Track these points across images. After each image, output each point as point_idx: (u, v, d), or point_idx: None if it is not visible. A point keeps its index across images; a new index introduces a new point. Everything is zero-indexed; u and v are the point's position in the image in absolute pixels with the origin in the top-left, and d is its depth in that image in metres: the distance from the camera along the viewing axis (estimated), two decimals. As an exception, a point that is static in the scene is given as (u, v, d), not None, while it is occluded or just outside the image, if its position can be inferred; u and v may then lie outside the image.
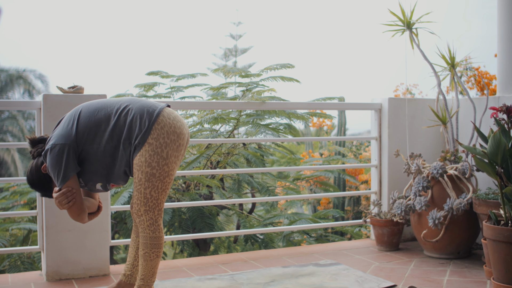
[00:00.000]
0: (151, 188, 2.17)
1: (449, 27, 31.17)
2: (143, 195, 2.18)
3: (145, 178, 2.15)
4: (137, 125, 2.15)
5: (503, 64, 3.43)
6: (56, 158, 2.14)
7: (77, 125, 2.19)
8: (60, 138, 2.16)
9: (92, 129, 2.17)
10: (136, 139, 2.15)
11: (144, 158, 2.14)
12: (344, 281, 2.67)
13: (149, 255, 2.21)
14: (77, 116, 2.21)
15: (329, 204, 5.94)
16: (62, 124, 2.23)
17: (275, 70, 4.34)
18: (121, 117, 2.17)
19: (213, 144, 4.34)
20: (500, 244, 2.36)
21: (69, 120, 2.22)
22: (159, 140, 2.14)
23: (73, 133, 2.17)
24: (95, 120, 2.18)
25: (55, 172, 2.15)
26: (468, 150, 2.61)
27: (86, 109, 2.23)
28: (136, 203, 2.21)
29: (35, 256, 4.06)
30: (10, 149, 16.56)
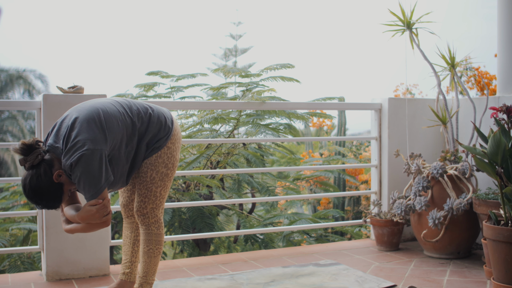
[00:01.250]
0: (162, 187, 2.26)
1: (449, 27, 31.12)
2: (153, 193, 2.24)
3: (159, 178, 2.24)
4: (160, 129, 2.24)
5: (503, 64, 3.43)
6: (94, 164, 1.98)
7: (107, 129, 2.06)
8: (94, 143, 2.00)
9: (118, 134, 2.10)
10: (157, 142, 2.23)
11: (162, 160, 2.24)
12: (344, 281, 2.67)
13: (153, 252, 2.26)
14: (101, 120, 2.07)
15: (329, 204, 5.94)
16: (85, 126, 2.03)
17: (275, 70, 4.33)
18: (145, 121, 2.21)
19: (213, 144, 4.34)
20: (500, 244, 2.36)
21: (94, 122, 2.05)
22: (175, 144, 2.29)
23: (105, 137, 2.04)
24: (121, 125, 2.12)
25: (93, 180, 1.98)
26: (468, 150, 2.61)
27: (105, 112, 2.10)
28: (142, 200, 2.23)
29: (35, 256, 4.06)
30: (10, 149, 16.51)
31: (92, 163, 1.98)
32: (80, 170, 1.97)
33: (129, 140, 2.16)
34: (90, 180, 1.99)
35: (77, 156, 1.97)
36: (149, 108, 2.26)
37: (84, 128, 2.02)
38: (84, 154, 1.97)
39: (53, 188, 2.02)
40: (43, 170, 2.00)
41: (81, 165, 1.97)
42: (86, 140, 2.00)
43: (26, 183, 2.01)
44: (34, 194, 2.01)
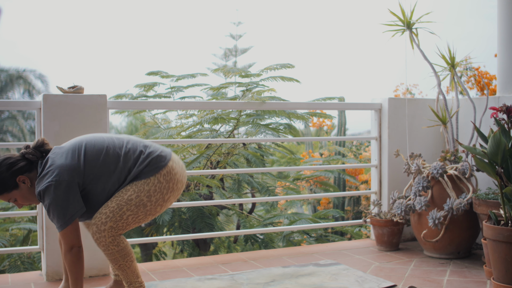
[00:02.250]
0: (133, 214, 2.11)
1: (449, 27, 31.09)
2: (121, 213, 2.09)
3: (135, 203, 2.10)
4: (149, 159, 2.12)
5: (503, 64, 3.43)
6: (62, 196, 1.99)
7: (84, 160, 2.07)
8: (66, 173, 2.01)
9: (99, 170, 2.08)
10: (142, 172, 2.11)
11: (148, 188, 2.11)
12: (344, 281, 2.67)
13: (124, 265, 2.14)
14: (83, 151, 2.09)
15: (329, 204, 5.94)
16: (64, 155, 2.07)
17: (275, 70, 4.34)
18: (130, 156, 2.12)
19: (213, 144, 4.34)
20: (500, 244, 2.36)
21: (72, 152, 2.08)
22: (169, 183, 2.15)
23: (80, 167, 2.05)
24: (103, 160, 2.09)
25: (61, 211, 1.99)
26: (468, 150, 2.61)
27: (91, 145, 2.12)
28: (105, 214, 2.08)
29: (35, 256, 4.06)
30: (10, 149, 16.55)
31: (59, 193, 2.00)
32: (49, 200, 2.01)
33: (117, 179, 2.11)
34: (59, 210, 2.01)
35: (45, 185, 2.01)
36: (140, 143, 2.20)
37: (61, 157, 2.07)
38: (51, 184, 2.00)
39: (8, 181, 2.07)
40: (21, 165, 2.09)
41: (49, 195, 2.00)
42: (57, 169, 2.02)
43: (2, 158, 2.09)
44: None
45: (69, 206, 2.01)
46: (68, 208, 2.01)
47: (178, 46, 52.40)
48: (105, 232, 2.07)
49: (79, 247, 2.08)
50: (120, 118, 28.03)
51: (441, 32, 3.46)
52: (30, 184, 2.12)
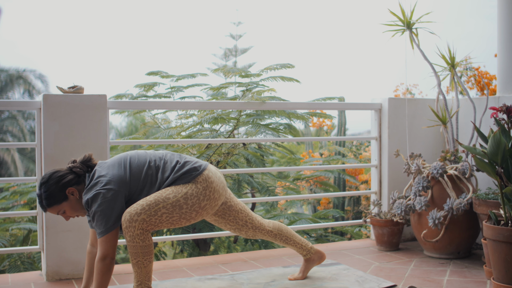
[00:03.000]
0: (168, 213, 2.16)
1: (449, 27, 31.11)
2: (156, 208, 2.14)
3: (172, 202, 2.16)
4: (185, 168, 2.22)
5: (503, 64, 3.43)
6: (108, 204, 2.08)
7: (130, 172, 2.17)
8: (113, 183, 2.12)
9: (143, 181, 2.18)
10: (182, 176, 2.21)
11: (186, 190, 2.19)
12: (344, 281, 2.67)
13: (142, 263, 2.16)
14: (128, 163, 2.20)
15: (329, 204, 5.94)
16: (111, 167, 2.18)
17: (275, 70, 4.33)
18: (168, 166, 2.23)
19: (213, 144, 4.34)
20: (500, 244, 2.36)
21: (119, 164, 2.19)
22: (206, 190, 2.22)
23: (127, 179, 2.15)
24: (146, 172, 2.20)
25: (104, 218, 2.08)
26: (468, 150, 2.61)
27: (134, 158, 2.23)
28: (141, 205, 2.12)
29: (35, 256, 4.06)
30: (10, 149, 16.56)
31: (106, 202, 2.09)
32: (95, 207, 2.09)
33: (150, 189, 2.20)
34: (102, 217, 2.09)
35: (94, 193, 2.10)
36: (179, 159, 2.28)
37: (109, 169, 2.18)
38: (100, 192, 2.09)
39: (57, 193, 2.17)
40: (70, 178, 2.19)
41: (96, 202, 2.09)
42: (107, 180, 2.12)
43: (52, 171, 2.21)
44: (45, 181, 2.17)
45: (113, 214, 2.10)
46: (112, 216, 2.10)
47: (178, 46, 52.40)
48: (137, 223, 2.11)
49: (112, 258, 2.13)
50: (120, 118, 28.04)
51: (441, 32, 3.46)
52: (78, 196, 2.21)
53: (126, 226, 2.11)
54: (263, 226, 2.54)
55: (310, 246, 2.68)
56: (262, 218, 2.57)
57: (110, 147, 3.70)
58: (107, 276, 2.13)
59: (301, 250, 2.67)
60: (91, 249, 2.37)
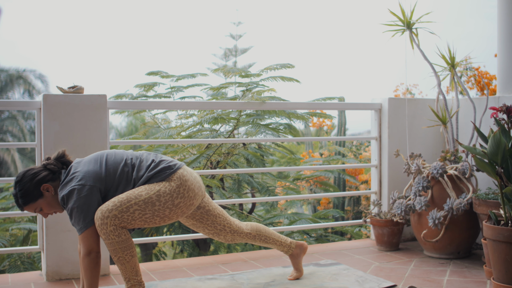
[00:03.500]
0: (140, 210, 2.14)
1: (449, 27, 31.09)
2: (128, 206, 2.11)
3: (144, 199, 2.14)
4: (160, 167, 2.22)
5: (503, 64, 3.43)
6: (83, 200, 2.07)
7: (105, 168, 2.17)
8: (89, 178, 2.11)
9: (119, 178, 2.18)
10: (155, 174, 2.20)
11: (159, 188, 2.17)
12: (344, 281, 2.67)
13: (124, 258, 2.14)
14: (104, 159, 2.20)
15: (329, 204, 5.94)
16: (87, 163, 2.17)
17: (275, 70, 4.33)
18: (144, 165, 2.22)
19: (213, 144, 4.34)
20: (500, 244, 2.36)
21: (95, 160, 2.19)
22: (180, 188, 2.20)
23: (102, 174, 2.15)
24: (121, 169, 2.19)
25: (81, 214, 2.07)
26: (468, 150, 2.61)
27: (111, 155, 2.23)
28: (113, 201, 2.11)
29: (35, 256, 4.06)
30: (10, 149, 16.56)
31: (82, 197, 2.08)
32: (71, 204, 2.08)
33: (126, 186, 2.20)
34: (79, 213, 2.08)
35: (69, 190, 2.09)
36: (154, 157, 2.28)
37: (85, 165, 2.17)
38: (75, 189, 2.08)
39: (33, 191, 2.16)
40: (44, 175, 2.17)
41: (72, 199, 2.08)
42: (81, 175, 2.11)
43: (26, 170, 2.20)
44: (19, 180, 2.17)
45: (90, 210, 2.09)
46: (89, 212, 2.08)
47: (178, 46, 52.39)
48: (108, 219, 2.09)
49: (97, 252, 2.12)
50: (120, 118, 28.05)
51: (441, 32, 3.46)
52: (54, 192, 2.20)
53: (98, 224, 2.09)
54: (241, 229, 2.52)
55: (289, 241, 2.67)
56: (240, 222, 2.56)
57: (110, 147, 3.70)
58: (95, 271, 2.12)
59: (282, 247, 2.65)
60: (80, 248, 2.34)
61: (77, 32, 45.23)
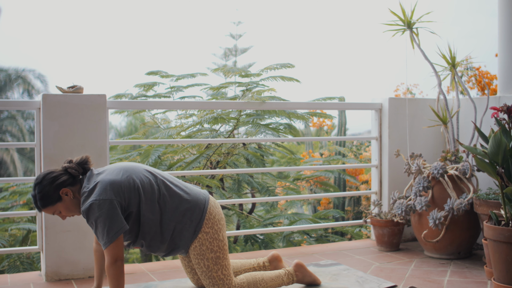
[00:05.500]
0: (221, 269, 2.29)
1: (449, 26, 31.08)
2: (217, 278, 2.28)
3: (212, 263, 2.27)
4: (188, 214, 2.25)
5: (504, 64, 3.42)
6: (107, 213, 2.07)
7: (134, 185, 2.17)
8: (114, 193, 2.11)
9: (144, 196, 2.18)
10: (185, 226, 2.24)
11: (206, 246, 2.27)
12: (344, 282, 2.66)
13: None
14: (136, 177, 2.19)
15: (329, 204, 5.93)
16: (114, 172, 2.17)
17: (275, 69, 4.33)
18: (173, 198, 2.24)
19: (213, 144, 4.33)
20: (501, 245, 2.35)
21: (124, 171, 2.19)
22: (214, 227, 2.29)
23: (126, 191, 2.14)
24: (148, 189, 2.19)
25: (106, 230, 2.07)
26: (469, 150, 2.60)
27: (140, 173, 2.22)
28: (211, 286, 2.29)
29: (35, 257, 4.05)
30: (10, 149, 16.55)
31: (109, 210, 2.08)
32: (94, 217, 2.09)
33: (151, 205, 2.20)
34: (103, 228, 2.08)
35: (89, 204, 2.08)
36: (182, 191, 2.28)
37: (111, 173, 2.17)
38: (94, 203, 2.08)
39: (52, 194, 2.14)
40: (64, 179, 2.16)
41: (93, 214, 2.08)
42: (104, 185, 2.11)
43: (46, 172, 2.17)
44: (39, 183, 2.14)
45: (113, 223, 2.09)
46: (112, 226, 2.09)
47: (178, 46, 52.39)
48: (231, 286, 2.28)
49: (122, 260, 2.14)
50: (120, 118, 28.03)
51: (441, 31, 3.46)
52: (72, 196, 2.19)
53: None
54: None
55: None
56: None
57: (110, 147, 3.69)
58: (121, 278, 2.14)
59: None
60: (97, 247, 2.36)
61: (76, 31, 45.24)
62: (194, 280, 2.52)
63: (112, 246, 2.10)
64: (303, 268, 2.55)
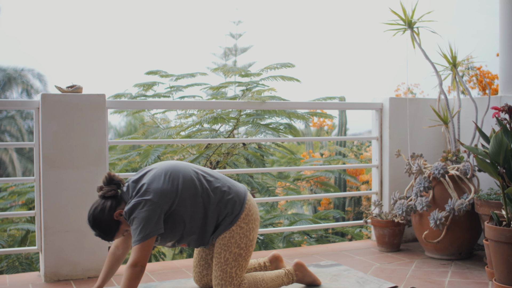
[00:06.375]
0: (237, 267, 2.29)
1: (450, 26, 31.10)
2: (229, 274, 2.27)
3: (233, 258, 2.28)
4: (229, 205, 2.28)
5: (505, 64, 3.41)
6: (149, 213, 2.11)
7: (177, 186, 2.20)
8: (159, 195, 2.15)
9: (186, 194, 2.21)
10: (225, 218, 2.26)
11: (235, 240, 2.28)
12: (345, 282, 2.65)
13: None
14: (173, 175, 2.22)
15: (330, 205, 5.92)
16: (157, 178, 2.20)
17: (275, 69, 4.32)
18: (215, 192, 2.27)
19: (213, 144, 4.31)
20: (502, 245, 2.34)
21: (167, 177, 2.21)
22: (249, 225, 2.31)
23: (171, 195, 2.18)
24: (190, 185, 2.23)
25: (142, 228, 2.11)
26: (470, 150, 2.59)
27: (178, 170, 2.26)
28: (219, 284, 2.28)
29: (33, 257, 4.04)
30: (8, 149, 16.54)
31: (147, 211, 2.12)
32: (135, 214, 2.12)
33: (194, 201, 2.23)
34: (140, 225, 2.11)
35: (137, 201, 2.13)
36: (223, 184, 2.32)
37: (155, 179, 2.20)
38: (144, 200, 2.12)
39: (111, 223, 2.19)
40: (109, 205, 2.19)
41: (138, 210, 2.12)
42: (152, 191, 2.15)
43: (92, 210, 2.20)
44: (94, 223, 2.19)
45: (149, 224, 2.12)
46: (148, 226, 2.11)
47: (178, 46, 52.39)
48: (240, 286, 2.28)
49: (142, 266, 2.14)
50: (119, 118, 28.01)
51: (442, 31, 3.44)
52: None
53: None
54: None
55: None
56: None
57: (109, 147, 3.68)
58: (135, 283, 2.14)
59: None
60: (114, 250, 2.38)
61: (76, 31, 45.23)
62: (199, 276, 2.50)
63: (140, 247, 2.12)
64: (303, 267, 2.54)
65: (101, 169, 2.87)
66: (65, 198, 2.81)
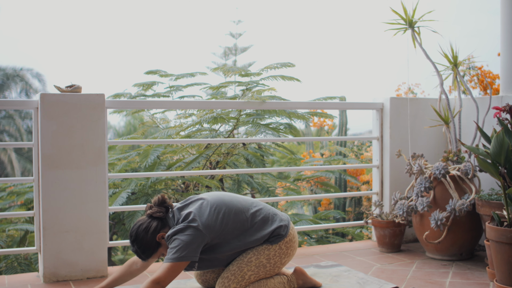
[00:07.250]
0: (253, 273, 2.30)
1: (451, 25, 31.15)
2: (242, 274, 2.28)
3: (256, 264, 2.30)
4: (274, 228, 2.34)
5: (506, 63, 3.40)
6: (191, 238, 2.16)
7: (221, 223, 2.24)
8: (205, 226, 2.20)
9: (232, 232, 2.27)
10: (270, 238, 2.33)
11: (268, 252, 2.32)
12: (345, 283, 2.64)
13: None
14: (222, 214, 2.27)
15: (330, 205, 5.91)
16: (206, 211, 2.25)
17: (275, 69, 4.30)
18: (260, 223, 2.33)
19: (213, 144, 4.30)
20: (503, 246, 2.33)
21: (214, 211, 2.26)
22: (288, 250, 2.37)
23: (216, 228, 2.23)
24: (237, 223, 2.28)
25: (180, 248, 2.14)
26: (471, 150, 2.57)
27: (229, 206, 2.30)
28: (228, 277, 2.27)
29: (32, 258, 4.03)
30: (7, 149, 16.53)
31: (191, 235, 2.16)
32: (178, 236, 2.17)
33: (240, 236, 2.29)
34: (178, 245, 2.15)
35: (183, 226, 2.18)
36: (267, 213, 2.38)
37: (204, 213, 2.25)
38: (190, 226, 2.18)
39: (151, 243, 2.23)
40: (155, 226, 2.23)
41: (181, 233, 2.17)
42: (198, 220, 2.21)
43: (137, 227, 2.25)
44: (135, 239, 2.24)
45: (187, 249, 2.15)
46: (185, 249, 2.15)
47: (178, 45, 52.37)
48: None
49: (163, 287, 2.16)
50: (118, 118, 27.98)
51: (443, 30, 3.43)
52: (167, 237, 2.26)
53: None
54: None
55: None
56: None
57: (108, 147, 3.67)
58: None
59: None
60: (132, 264, 2.41)
61: (75, 30, 45.22)
62: (201, 272, 2.50)
63: (169, 266, 2.13)
64: (304, 275, 2.56)
65: (100, 169, 2.86)
66: (64, 198, 2.79)
